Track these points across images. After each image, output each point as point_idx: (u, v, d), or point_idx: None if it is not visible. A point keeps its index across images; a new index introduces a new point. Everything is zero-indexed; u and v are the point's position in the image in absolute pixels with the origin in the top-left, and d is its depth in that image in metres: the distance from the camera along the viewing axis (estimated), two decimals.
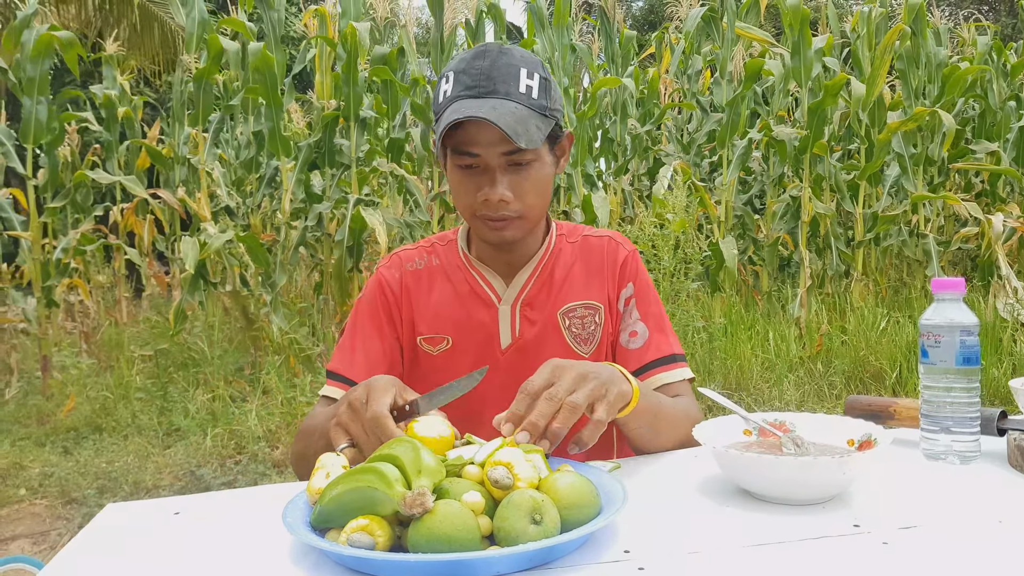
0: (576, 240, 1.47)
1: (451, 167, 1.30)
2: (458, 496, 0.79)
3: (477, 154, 1.24)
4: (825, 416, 1.09)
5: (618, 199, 7.10)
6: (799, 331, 5.35)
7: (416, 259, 1.46)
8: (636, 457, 1.19)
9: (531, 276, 1.40)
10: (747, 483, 0.96)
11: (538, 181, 1.29)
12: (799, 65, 5.74)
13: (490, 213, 1.27)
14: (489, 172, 1.26)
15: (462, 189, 1.29)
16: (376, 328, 1.41)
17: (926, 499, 0.95)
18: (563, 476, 0.84)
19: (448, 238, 1.49)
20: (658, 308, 1.44)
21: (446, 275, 1.43)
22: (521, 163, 1.26)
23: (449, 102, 1.25)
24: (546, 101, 1.26)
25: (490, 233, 1.31)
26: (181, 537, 0.92)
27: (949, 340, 1.06)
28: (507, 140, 1.21)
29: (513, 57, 1.25)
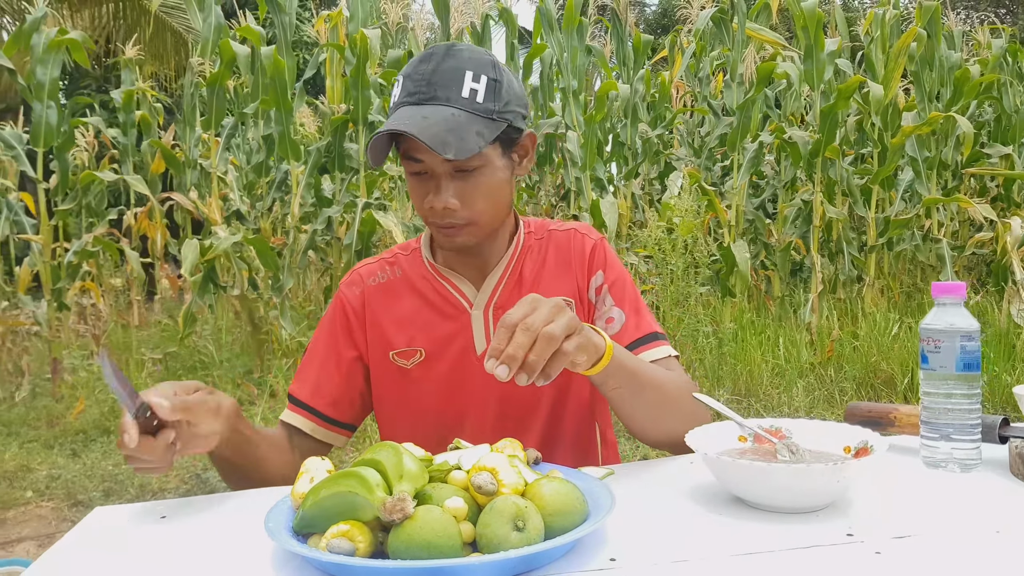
0: (543, 236, 1.43)
1: (405, 172, 1.27)
2: (441, 502, 0.78)
3: (422, 160, 1.21)
4: (822, 423, 1.07)
5: (628, 203, 7.07)
6: (810, 336, 5.30)
7: (378, 272, 1.42)
8: (629, 464, 1.17)
9: (501, 278, 1.37)
10: (740, 490, 0.95)
11: (487, 186, 1.25)
12: (811, 68, 5.69)
13: (438, 220, 1.25)
14: (435, 179, 1.23)
15: (414, 195, 1.27)
16: (334, 351, 1.38)
17: (923, 508, 0.93)
18: (549, 482, 0.83)
19: (411, 247, 1.45)
20: (632, 291, 1.39)
21: (412, 285, 1.39)
22: (467, 169, 1.22)
23: (394, 108, 1.23)
24: (493, 104, 1.21)
25: (443, 239, 1.29)
26: (166, 540, 0.91)
27: (949, 345, 1.04)
28: None
29: (460, 59, 1.22)
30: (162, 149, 6.00)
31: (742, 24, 6.20)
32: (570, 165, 6.14)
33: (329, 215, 5.37)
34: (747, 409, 4.35)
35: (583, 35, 6.82)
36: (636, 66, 7.63)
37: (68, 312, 5.59)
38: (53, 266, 5.00)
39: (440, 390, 1.34)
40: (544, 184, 7.26)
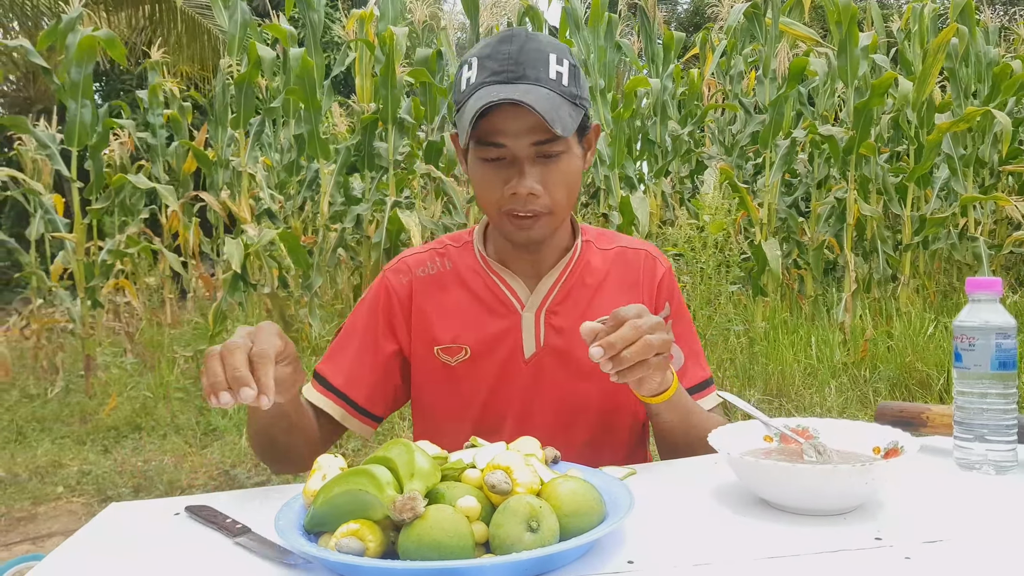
0: (610, 248, 1.38)
1: (474, 160, 1.22)
2: (453, 501, 0.76)
3: (504, 144, 1.16)
4: (851, 422, 1.04)
5: (658, 202, 7.02)
6: (843, 336, 5.22)
7: (427, 263, 1.37)
8: (651, 464, 1.15)
9: (557, 281, 1.32)
10: (764, 492, 0.92)
11: (568, 174, 1.21)
12: (845, 64, 5.61)
13: (518, 208, 1.20)
14: (517, 164, 1.18)
15: (487, 183, 1.21)
16: (373, 342, 1.34)
17: (956, 511, 0.90)
18: (565, 482, 0.81)
19: (462, 239, 1.40)
20: (690, 328, 1.37)
21: (461, 279, 1.34)
22: (551, 155, 1.18)
23: (473, 89, 1.17)
24: (576, 89, 1.20)
25: (516, 231, 1.23)
26: (179, 537, 0.90)
27: (984, 343, 1.00)
28: (536, 130, 1.15)
29: (540, 42, 1.19)
30: (193, 149, 6.05)
31: (775, 19, 6.12)
32: (599, 163, 6.10)
33: (358, 213, 5.39)
34: (778, 409, 4.29)
35: (612, 33, 6.77)
36: (665, 64, 7.57)
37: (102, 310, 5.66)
38: (87, 264, 5.06)
39: (483, 390, 1.30)
40: None
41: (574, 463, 0.99)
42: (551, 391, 1.30)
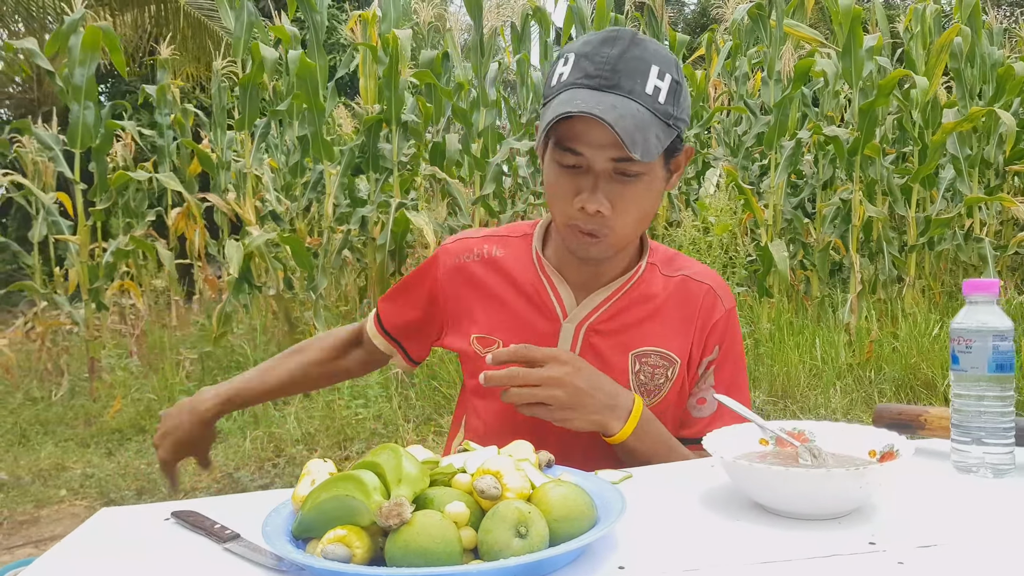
0: (674, 275, 1.30)
1: (550, 161, 1.16)
2: (442, 506, 0.76)
3: (582, 153, 1.10)
4: (848, 426, 1.03)
5: (664, 203, 7.00)
6: (848, 337, 5.20)
7: (484, 246, 1.33)
8: (648, 467, 1.14)
9: (609, 298, 1.25)
10: (758, 496, 0.91)
11: (643, 198, 1.14)
12: (850, 65, 5.59)
13: (581, 223, 1.14)
14: (591, 176, 1.11)
15: (558, 189, 1.15)
16: (416, 299, 1.39)
17: (952, 515, 0.89)
18: (556, 486, 0.80)
19: (523, 230, 1.34)
20: (737, 377, 1.31)
21: (512, 273, 1.29)
22: (629, 173, 1.11)
23: (563, 87, 1.10)
24: (673, 108, 1.11)
25: (576, 244, 1.17)
26: (168, 543, 0.90)
27: (981, 345, 1.00)
28: (617, 146, 1.06)
29: (646, 50, 1.10)
30: (196, 150, 6.07)
31: (780, 21, 6.11)
32: None
33: (363, 215, 5.39)
34: (783, 411, 4.28)
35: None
36: None
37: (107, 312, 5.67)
38: (91, 266, 5.07)
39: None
40: None
41: (568, 467, 0.99)
42: None
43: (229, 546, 0.85)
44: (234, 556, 0.84)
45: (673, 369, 1.26)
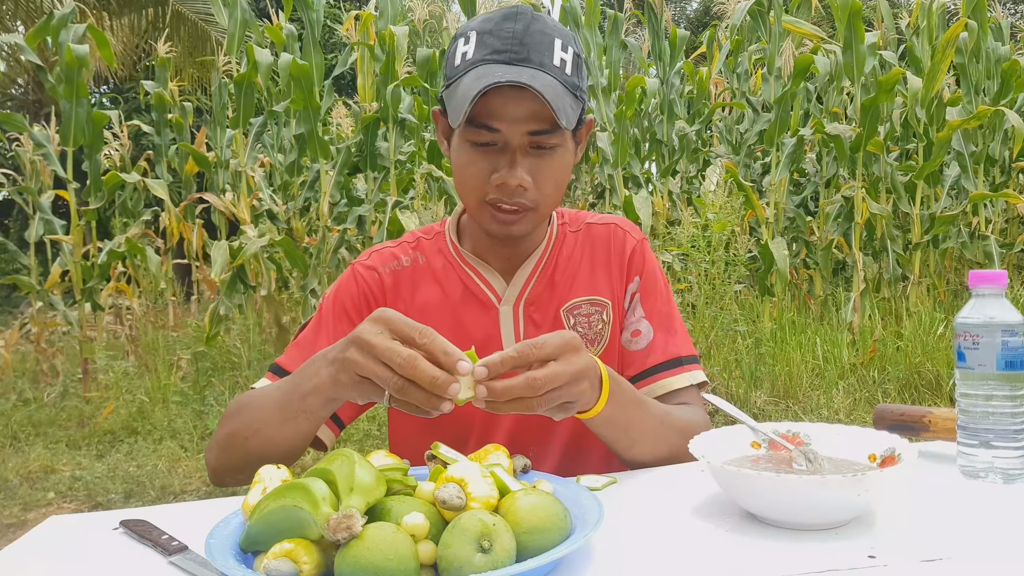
0: (579, 228, 1.31)
1: (460, 143, 1.13)
2: (399, 518, 0.69)
3: (498, 129, 1.08)
4: (847, 428, 0.96)
5: (665, 201, 6.93)
6: (852, 336, 5.13)
7: (400, 257, 1.28)
8: (634, 472, 1.07)
9: (533, 272, 1.25)
10: (747, 503, 0.85)
11: (559, 169, 1.14)
12: (851, 60, 5.52)
13: (504, 199, 1.12)
14: (508, 152, 1.10)
15: (472, 169, 1.12)
16: (341, 333, 1.22)
17: (958, 526, 0.82)
18: (526, 496, 0.74)
19: (434, 230, 1.32)
20: (666, 304, 1.28)
21: (435, 274, 1.26)
22: (545, 147, 1.11)
23: (471, 65, 1.08)
24: (578, 79, 1.12)
25: (496, 225, 1.15)
26: (112, 554, 0.84)
27: (989, 341, 0.93)
28: (535, 119, 1.07)
29: (547, 24, 1.10)
30: (191, 151, 6.01)
31: (778, 18, 6.04)
32: (603, 162, 6.03)
33: (360, 214, 5.33)
34: (785, 411, 4.21)
35: (618, 31, 6.70)
36: (672, 62, 7.48)
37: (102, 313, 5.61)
38: (85, 266, 5.01)
39: None
40: (579, 182, 7.15)
41: (547, 473, 0.92)
42: None
43: (175, 559, 0.79)
44: (179, 571, 0.77)
45: (607, 311, 1.26)
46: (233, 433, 1.07)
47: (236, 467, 1.07)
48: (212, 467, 1.13)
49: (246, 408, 1.08)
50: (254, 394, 1.12)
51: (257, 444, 1.03)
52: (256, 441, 1.03)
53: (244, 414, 1.07)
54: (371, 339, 0.84)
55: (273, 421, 1.01)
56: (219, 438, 1.10)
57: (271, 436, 1.02)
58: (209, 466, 1.14)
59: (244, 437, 1.04)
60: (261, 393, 1.09)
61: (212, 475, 1.15)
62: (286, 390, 0.99)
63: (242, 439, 1.05)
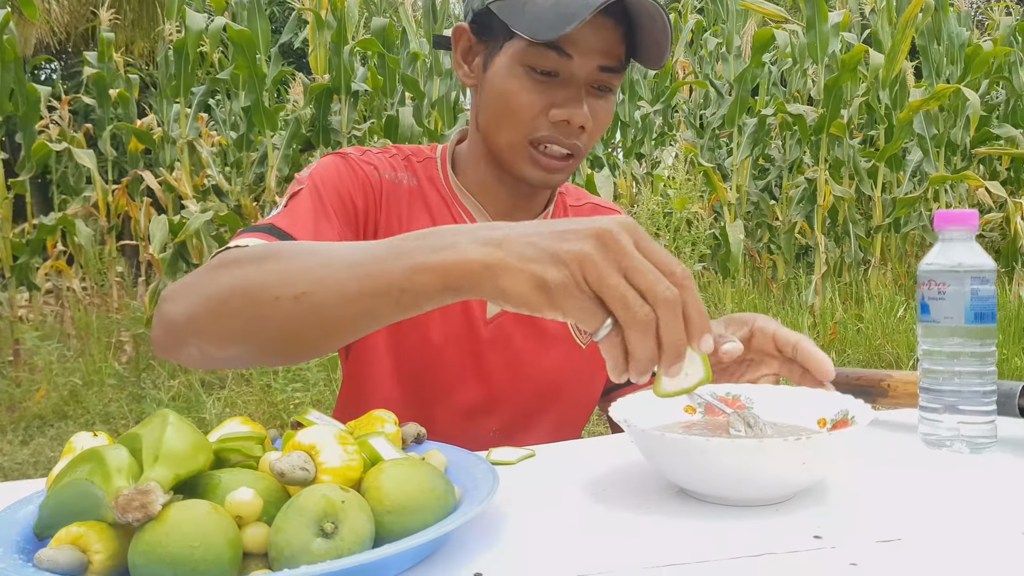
0: (582, 205, 1.21)
1: (512, 66, 0.96)
2: (225, 494, 0.54)
3: (571, 56, 0.94)
4: (795, 390, 0.83)
5: (628, 182, 6.84)
6: (813, 319, 5.07)
7: (391, 170, 1.08)
8: (557, 444, 0.93)
9: None
10: (674, 476, 0.71)
11: (610, 115, 1.02)
12: (814, 40, 5.44)
13: (560, 139, 0.97)
14: (572, 86, 0.96)
15: (527, 99, 0.96)
16: (351, 218, 1.02)
17: (919, 502, 0.69)
18: (396, 467, 0.59)
19: (424, 154, 1.13)
20: None
21: (425, 204, 1.08)
22: (609, 87, 0.99)
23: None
24: None
25: (537, 169, 1.00)
26: None
27: (957, 290, 0.80)
28: (611, 53, 0.95)
29: None
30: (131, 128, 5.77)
31: None
32: None
33: None
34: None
35: None
36: None
37: (37, 293, 5.37)
38: (15, 242, 4.76)
39: (431, 349, 1.05)
40: None
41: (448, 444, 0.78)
42: (513, 360, 1.08)
43: None
44: None
45: None
46: (247, 285, 0.70)
47: (229, 335, 0.72)
48: (172, 323, 0.75)
49: (272, 258, 0.72)
50: (287, 246, 0.75)
51: (295, 310, 0.67)
52: (295, 305, 0.67)
53: (271, 264, 0.71)
54: (629, 248, 0.58)
55: (337, 285, 0.66)
56: (206, 288, 0.74)
57: (325, 303, 0.66)
58: (165, 322, 0.76)
59: (273, 295, 0.68)
60: (306, 248, 0.72)
61: (165, 336, 0.77)
62: (376, 254, 0.65)
63: (268, 297, 0.68)
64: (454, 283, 0.61)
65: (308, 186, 0.99)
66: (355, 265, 0.65)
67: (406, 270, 0.62)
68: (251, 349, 0.72)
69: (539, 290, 0.57)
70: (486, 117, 1.01)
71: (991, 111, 6.85)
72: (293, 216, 0.94)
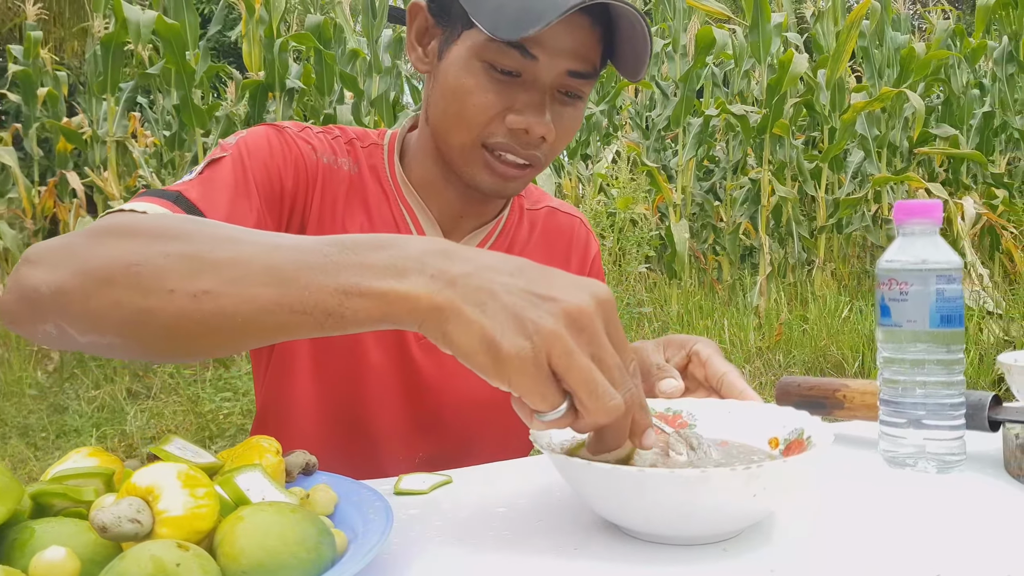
0: (539, 208, 1.10)
1: (470, 61, 0.85)
2: (33, 553, 0.43)
3: (536, 58, 0.83)
4: (744, 404, 0.74)
5: (573, 183, 6.77)
6: (758, 320, 5.05)
7: (329, 152, 0.96)
8: (477, 468, 0.83)
9: (485, 240, 1.01)
10: (603, 509, 0.61)
11: (577, 125, 0.91)
12: (758, 40, 5.44)
13: (515, 149, 0.87)
14: (535, 91, 0.85)
15: (482, 100, 0.85)
16: (284, 162, 0.90)
17: (883, 532, 0.60)
18: (258, 513, 0.48)
19: (369, 138, 1.01)
20: None
21: (366, 198, 0.96)
22: (580, 95, 0.89)
23: None
24: None
25: (491, 177, 0.89)
26: None
27: (921, 291, 0.72)
28: (581, 57, 0.84)
29: None
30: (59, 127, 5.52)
31: None
32: None
33: None
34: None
35: None
36: None
37: None
38: None
39: (357, 361, 0.94)
40: None
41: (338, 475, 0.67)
42: (450, 375, 0.97)
43: None
44: None
45: None
46: (137, 268, 0.57)
47: (100, 322, 0.58)
48: (33, 292, 0.60)
49: (175, 238, 0.59)
50: (196, 225, 0.61)
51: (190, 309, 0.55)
52: (192, 304, 0.55)
53: (172, 246, 0.58)
54: (601, 336, 0.52)
55: (250, 290, 0.54)
56: (84, 259, 0.59)
57: (231, 308, 0.54)
58: (23, 289, 0.61)
59: (167, 287, 0.55)
60: (219, 233, 0.59)
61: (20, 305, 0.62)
62: (306, 259, 0.54)
63: (160, 288, 0.56)
64: (394, 316, 0.52)
65: (232, 155, 0.87)
66: (277, 269, 0.54)
67: (338, 291, 0.52)
68: (124, 342, 0.59)
69: (489, 353, 0.50)
70: (437, 113, 0.90)
71: (929, 113, 6.95)
72: (208, 187, 0.82)
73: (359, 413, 0.96)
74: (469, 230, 1.01)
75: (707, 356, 0.82)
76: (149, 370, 4.31)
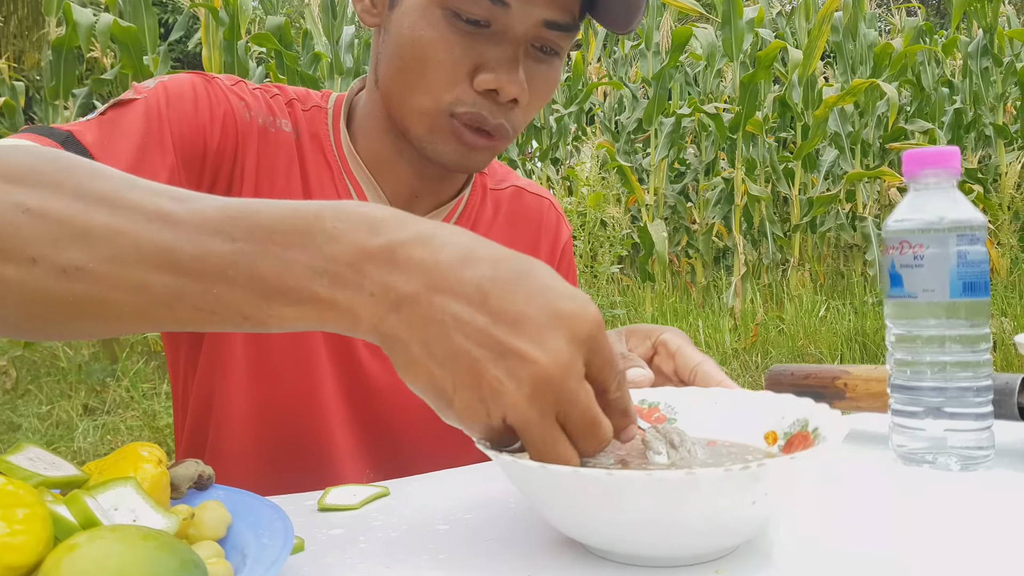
0: (504, 188, 0.97)
1: (430, 10, 0.72)
2: None
3: (508, 5, 0.70)
4: (733, 392, 0.62)
5: (544, 185, 6.69)
6: (734, 321, 4.97)
7: (265, 112, 0.82)
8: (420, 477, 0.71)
9: (446, 221, 0.89)
10: (565, 524, 0.49)
11: (553, 86, 0.79)
12: (730, 36, 5.38)
13: (484, 115, 0.74)
14: (505, 44, 0.72)
15: (446, 56, 0.72)
16: (171, 146, 0.73)
17: (902, 544, 0.49)
18: (92, 543, 0.36)
19: (312, 100, 0.87)
20: None
21: (303, 170, 0.83)
22: (556, 52, 0.76)
23: None
24: None
25: (457, 148, 0.76)
26: None
27: (939, 254, 0.60)
28: (556, 4, 0.71)
29: None
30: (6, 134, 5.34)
31: None
32: None
33: None
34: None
35: None
36: None
37: None
38: None
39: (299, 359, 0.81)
40: None
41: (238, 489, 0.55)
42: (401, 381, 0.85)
43: None
44: None
45: None
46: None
47: None
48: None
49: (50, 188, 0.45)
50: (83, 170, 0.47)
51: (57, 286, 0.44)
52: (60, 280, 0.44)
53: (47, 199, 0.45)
54: (575, 395, 0.43)
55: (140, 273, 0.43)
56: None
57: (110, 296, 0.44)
58: None
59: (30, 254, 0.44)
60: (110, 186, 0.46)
61: None
62: (224, 236, 0.44)
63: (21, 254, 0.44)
64: (329, 327, 0.44)
65: (149, 99, 0.73)
66: (171, 252, 0.43)
67: (255, 294, 0.43)
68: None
69: (438, 401, 0.45)
70: (390, 73, 0.77)
71: (900, 112, 6.94)
72: (108, 131, 0.69)
73: (303, 416, 0.83)
74: (425, 211, 0.87)
75: (677, 346, 0.71)
76: (105, 385, 4.14)
